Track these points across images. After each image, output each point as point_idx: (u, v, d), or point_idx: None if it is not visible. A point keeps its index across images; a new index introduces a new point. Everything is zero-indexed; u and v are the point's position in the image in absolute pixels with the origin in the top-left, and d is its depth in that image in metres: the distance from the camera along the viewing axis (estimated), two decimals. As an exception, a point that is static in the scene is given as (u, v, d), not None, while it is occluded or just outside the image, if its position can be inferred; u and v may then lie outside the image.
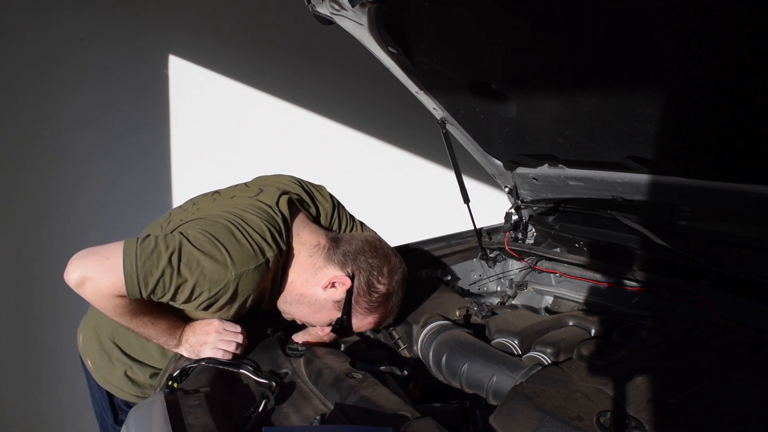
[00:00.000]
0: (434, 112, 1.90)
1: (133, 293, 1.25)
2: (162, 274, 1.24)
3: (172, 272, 1.25)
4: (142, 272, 1.23)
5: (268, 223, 1.40)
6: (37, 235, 2.71)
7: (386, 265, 1.48)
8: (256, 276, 1.34)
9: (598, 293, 1.85)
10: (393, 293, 1.49)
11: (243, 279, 1.32)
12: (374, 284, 1.46)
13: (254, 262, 1.32)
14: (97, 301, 1.30)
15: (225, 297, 1.33)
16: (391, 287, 1.48)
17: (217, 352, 1.37)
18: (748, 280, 1.43)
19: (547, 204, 2.09)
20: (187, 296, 1.30)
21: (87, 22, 2.67)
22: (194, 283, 1.28)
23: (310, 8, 1.58)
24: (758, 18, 0.91)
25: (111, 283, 1.24)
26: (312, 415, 1.18)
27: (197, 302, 1.33)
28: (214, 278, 1.29)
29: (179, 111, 2.96)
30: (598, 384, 1.09)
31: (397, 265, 1.51)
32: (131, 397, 1.69)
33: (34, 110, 2.63)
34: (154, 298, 1.29)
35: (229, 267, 1.29)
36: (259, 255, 1.33)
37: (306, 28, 1.88)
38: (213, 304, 1.35)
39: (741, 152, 1.27)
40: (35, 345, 2.81)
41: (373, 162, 3.61)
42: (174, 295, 1.29)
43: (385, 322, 1.54)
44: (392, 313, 1.53)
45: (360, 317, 1.47)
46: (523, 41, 1.30)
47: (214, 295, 1.32)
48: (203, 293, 1.31)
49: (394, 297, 1.50)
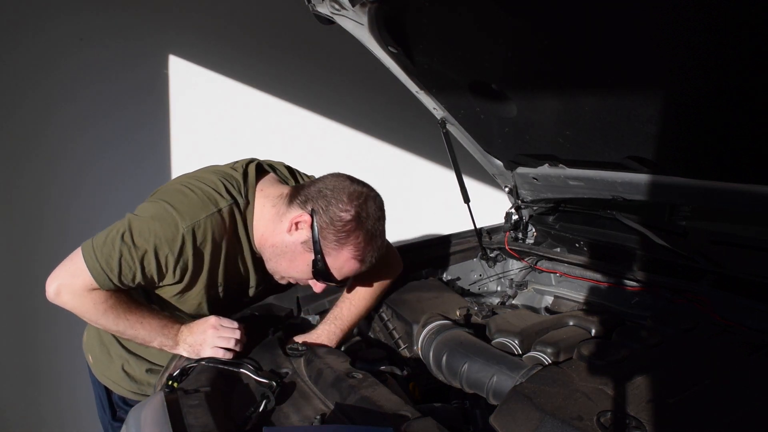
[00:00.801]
0: (434, 112, 1.90)
1: (104, 282, 1.31)
2: (121, 254, 1.29)
3: (129, 248, 1.30)
4: (102, 259, 1.29)
5: (224, 178, 1.44)
6: (37, 234, 2.71)
7: (345, 191, 1.39)
8: (210, 226, 1.35)
9: (598, 293, 1.85)
10: (362, 219, 1.38)
11: (198, 231, 1.34)
12: (336, 213, 1.37)
13: (205, 212, 1.35)
14: (78, 304, 1.34)
15: (189, 254, 1.34)
16: (356, 212, 1.37)
17: (217, 351, 1.37)
18: (748, 280, 1.43)
19: (548, 204, 2.09)
20: (156, 267, 1.33)
21: (87, 22, 2.66)
22: (154, 249, 1.31)
23: (311, 8, 1.58)
24: (758, 18, 0.91)
25: (81, 279, 1.31)
26: (312, 414, 1.18)
27: (170, 271, 1.36)
28: (168, 236, 1.31)
29: (179, 111, 2.96)
30: (599, 384, 1.09)
31: (362, 190, 1.42)
32: (128, 393, 1.72)
33: (34, 110, 2.63)
34: (127, 281, 1.33)
35: (178, 221, 1.32)
36: (209, 205, 1.36)
37: (306, 28, 1.88)
38: (185, 269, 1.37)
39: (741, 152, 1.27)
40: (35, 345, 2.80)
41: (373, 162, 3.61)
42: (143, 271, 1.33)
43: (368, 256, 1.42)
44: (372, 244, 1.41)
45: (334, 254, 1.39)
46: (523, 41, 1.30)
47: (178, 256, 1.34)
48: (168, 256, 1.33)
49: (367, 223, 1.39)
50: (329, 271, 1.42)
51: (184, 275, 1.40)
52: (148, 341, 1.41)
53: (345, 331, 1.58)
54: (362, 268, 1.45)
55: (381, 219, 1.44)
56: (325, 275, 1.43)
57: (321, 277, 1.44)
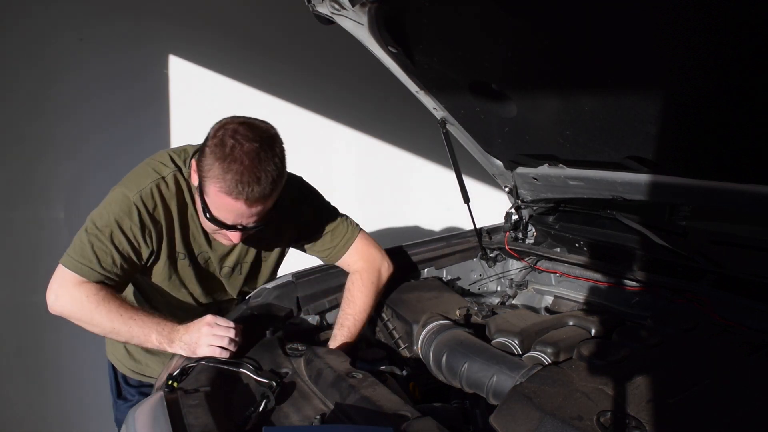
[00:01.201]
0: (434, 112, 1.90)
1: (88, 273, 1.41)
2: (92, 244, 1.41)
3: (95, 236, 1.41)
4: (77, 255, 1.42)
5: (173, 152, 1.53)
6: (37, 234, 2.71)
7: (213, 128, 1.38)
8: (155, 191, 1.45)
9: (598, 293, 1.85)
10: (216, 147, 1.32)
11: (146, 198, 1.43)
12: (201, 150, 1.36)
13: (149, 179, 1.45)
14: (72, 300, 1.41)
15: (147, 219, 1.44)
16: (212, 143, 1.33)
17: (213, 350, 1.37)
18: (748, 280, 1.43)
19: (547, 204, 2.09)
20: (126, 241, 1.43)
21: (86, 22, 2.66)
22: (117, 225, 1.42)
23: (311, 8, 1.58)
24: (758, 18, 0.91)
25: (69, 279, 1.42)
26: (312, 414, 1.18)
27: (142, 241, 1.45)
28: (124, 209, 1.42)
29: (179, 111, 2.96)
30: (598, 384, 1.09)
31: (224, 120, 1.38)
32: (129, 371, 1.83)
33: (33, 110, 2.62)
34: (108, 266, 1.42)
35: (126, 193, 1.43)
36: (153, 174, 1.46)
37: (306, 27, 1.88)
38: (152, 235, 1.46)
39: (741, 152, 1.27)
40: (35, 345, 2.80)
41: (373, 162, 3.62)
42: (118, 250, 1.42)
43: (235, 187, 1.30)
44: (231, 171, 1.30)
45: (207, 190, 1.35)
46: (523, 41, 1.30)
47: (140, 223, 1.43)
48: (132, 228, 1.43)
49: (224, 150, 1.31)
50: (212, 212, 1.37)
51: (160, 246, 1.49)
52: (144, 340, 1.42)
53: (353, 342, 1.61)
54: (237, 203, 1.33)
55: (244, 142, 1.32)
56: (210, 217, 1.38)
57: (210, 220, 1.39)
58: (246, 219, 1.39)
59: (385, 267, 1.75)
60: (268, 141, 1.36)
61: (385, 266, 1.76)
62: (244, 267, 1.71)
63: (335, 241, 1.72)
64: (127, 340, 1.45)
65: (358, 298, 1.66)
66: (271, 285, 1.74)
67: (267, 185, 1.33)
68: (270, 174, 1.34)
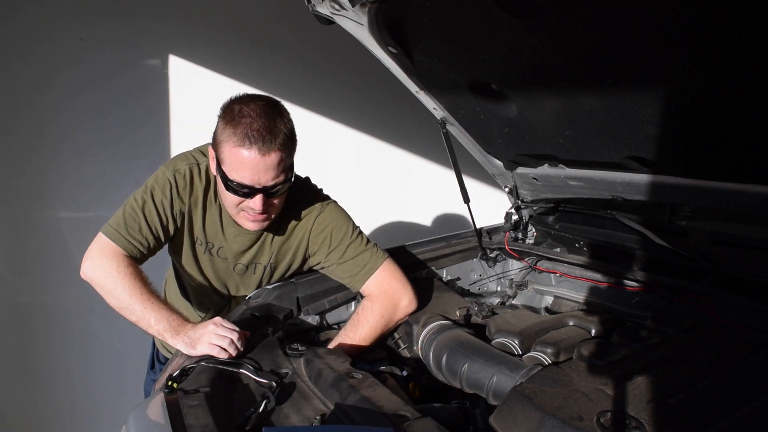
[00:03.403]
0: (434, 112, 1.90)
1: (117, 238, 1.51)
2: (124, 212, 1.54)
3: (132, 204, 1.54)
4: (113, 221, 1.54)
5: (201, 147, 1.67)
6: (36, 234, 2.71)
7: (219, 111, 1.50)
8: (189, 172, 1.57)
9: (598, 293, 1.85)
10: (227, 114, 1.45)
11: (179, 176, 1.56)
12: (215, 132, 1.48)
13: (186, 163, 1.59)
14: (103, 265, 1.48)
15: (176, 196, 1.56)
16: (223, 114, 1.46)
17: (212, 348, 1.37)
18: (748, 280, 1.43)
19: (547, 204, 2.09)
20: (156, 213, 1.54)
21: (86, 21, 2.66)
22: (151, 196, 1.54)
23: (311, 8, 1.58)
24: (758, 18, 0.91)
25: (100, 244, 1.52)
26: (312, 415, 1.18)
27: (169, 216, 1.56)
28: (160, 183, 1.55)
29: (179, 111, 2.96)
30: (599, 384, 1.09)
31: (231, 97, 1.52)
32: (161, 347, 1.98)
33: (33, 111, 2.62)
34: (134, 233, 1.51)
35: (164, 170, 1.58)
36: (190, 158, 1.61)
37: (306, 27, 1.88)
38: (178, 212, 1.57)
39: (741, 152, 1.27)
40: (35, 345, 2.80)
41: (373, 162, 3.61)
42: (146, 220, 1.53)
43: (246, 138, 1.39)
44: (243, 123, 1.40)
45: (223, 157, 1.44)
46: (523, 41, 1.30)
47: (171, 199, 1.55)
48: (163, 201, 1.55)
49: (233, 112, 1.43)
50: (230, 177, 1.44)
51: (179, 220, 1.58)
52: (151, 324, 1.44)
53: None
54: (251, 154, 1.39)
55: (250, 103, 1.44)
56: (230, 185, 1.45)
57: (228, 188, 1.46)
58: (263, 175, 1.42)
59: (405, 303, 1.64)
60: (274, 102, 1.49)
61: (405, 302, 1.64)
62: (258, 268, 1.73)
63: (356, 269, 1.65)
64: (136, 321, 1.47)
65: (362, 326, 1.60)
66: (271, 285, 1.74)
67: (280, 134, 1.41)
68: (280, 126, 1.43)
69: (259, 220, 1.52)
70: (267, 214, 1.52)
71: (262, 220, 1.53)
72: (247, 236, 1.64)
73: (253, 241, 1.66)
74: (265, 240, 1.67)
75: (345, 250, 1.66)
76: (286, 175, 1.47)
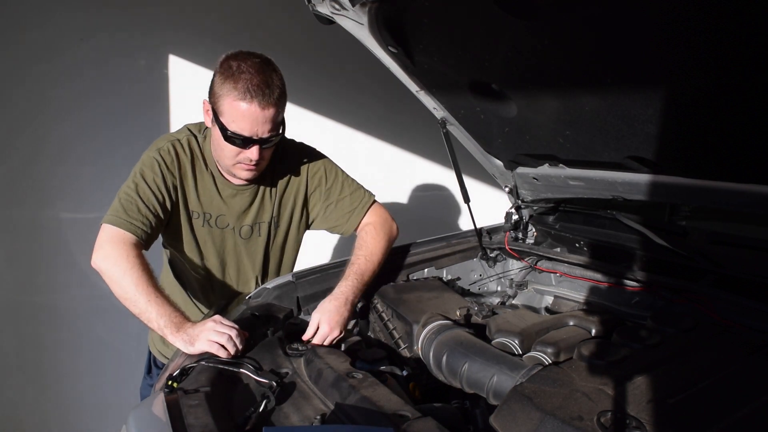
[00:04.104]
0: (434, 112, 1.90)
1: (118, 222, 1.55)
2: (120, 199, 1.59)
3: (126, 190, 1.60)
4: (112, 210, 1.58)
5: (190, 124, 1.76)
6: (37, 234, 2.71)
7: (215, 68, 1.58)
8: (172, 148, 1.65)
9: (598, 293, 1.85)
10: (225, 69, 1.54)
11: (164, 153, 1.64)
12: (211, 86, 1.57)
13: (166, 141, 1.67)
14: (114, 256, 1.51)
15: (166, 172, 1.62)
16: (220, 68, 1.55)
17: (211, 345, 1.37)
18: (748, 280, 1.43)
19: (548, 204, 2.09)
20: (150, 192, 1.60)
21: (86, 21, 2.66)
22: (142, 178, 1.60)
23: (311, 8, 1.58)
24: (758, 18, 0.91)
25: (106, 232, 1.56)
26: (312, 414, 1.18)
27: (165, 192, 1.62)
28: (147, 164, 1.63)
29: (179, 111, 2.96)
30: (599, 384, 1.09)
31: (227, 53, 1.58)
32: (157, 353, 1.98)
33: (33, 110, 2.62)
34: (134, 214, 1.56)
35: (149, 153, 1.66)
36: (170, 137, 1.70)
37: (306, 27, 1.89)
38: (172, 187, 1.65)
39: (741, 152, 1.27)
40: (35, 345, 2.80)
41: (373, 162, 3.61)
42: (142, 200, 1.58)
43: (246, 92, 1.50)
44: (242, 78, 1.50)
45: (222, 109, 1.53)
46: (523, 41, 1.30)
47: (162, 176, 1.62)
48: (155, 179, 1.61)
49: (231, 68, 1.52)
50: (228, 128, 1.53)
51: (173, 193, 1.64)
52: (152, 319, 1.45)
53: (365, 284, 1.70)
54: (251, 107, 1.50)
55: (248, 59, 1.54)
56: (228, 135, 1.54)
57: (227, 138, 1.55)
58: (261, 126, 1.53)
59: (394, 228, 1.87)
60: (268, 60, 1.59)
61: (394, 227, 1.87)
62: (262, 228, 1.81)
63: (355, 203, 1.83)
64: (138, 314, 1.48)
65: (370, 242, 1.76)
66: (271, 285, 1.74)
67: (276, 90, 1.53)
68: (276, 83, 1.54)
69: (252, 170, 1.64)
70: (259, 164, 1.63)
71: (256, 170, 1.65)
72: (246, 193, 1.74)
73: (252, 197, 1.76)
74: (265, 195, 1.78)
75: (341, 187, 1.84)
76: (279, 128, 1.60)
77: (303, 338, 1.54)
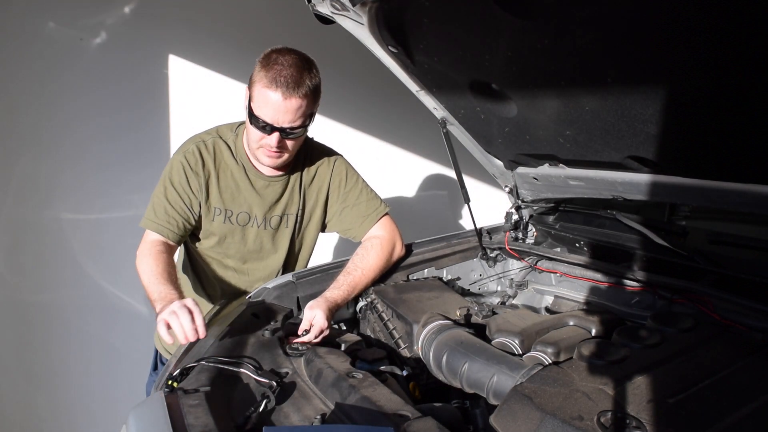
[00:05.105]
0: (434, 112, 1.90)
1: (149, 224, 1.72)
2: (152, 203, 1.75)
3: (156, 194, 1.76)
4: (146, 214, 1.75)
5: (223, 125, 1.87)
6: (37, 234, 2.71)
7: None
8: (196, 149, 1.75)
9: (598, 293, 1.85)
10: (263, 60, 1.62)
11: (188, 155, 1.74)
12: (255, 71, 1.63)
13: (192, 143, 1.77)
14: (140, 250, 1.69)
15: (191, 173, 1.74)
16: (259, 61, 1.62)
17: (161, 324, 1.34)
18: (748, 280, 1.43)
19: (548, 204, 2.09)
20: (178, 196, 1.72)
21: (86, 22, 2.66)
22: (170, 180, 1.73)
23: (311, 8, 1.58)
24: (758, 18, 0.91)
25: (145, 234, 1.74)
26: (312, 414, 1.18)
27: (191, 193, 1.74)
28: (175, 168, 1.75)
29: (179, 111, 2.96)
30: (599, 384, 1.09)
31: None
32: (162, 350, 2.05)
33: (33, 111, 2.63)
34: (162, 216, 1.71)
35: (176, 156, 1.76)
36: (196, 139, 1.80)
37: (306, 27, 1.89)
38: (198, 187, 1.75)
39: (741, 152, 1.27)
40: (35, 345, 2.80)
41: (373, 162, 3.61)
42: (169, 202, 1.72)
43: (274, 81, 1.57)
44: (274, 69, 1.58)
45: (254, 95, 1.61)
46: (523, 41, 1.30)
47: (186, 178, 1.73)
48: (180, 180, 1.73)
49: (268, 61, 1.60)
50: (253, 111, 1.62)
51: (201, 194, 1.75)
52: (154, 299, 1.51)
53: (354, 296, 1.75)
54: (275, 95, 1.58)
55: (286, 54, 1.62)
56: (254, 119, 1.63)
57: (252, 121, 1.65)
58: (282, 116, 1.60)
59: (399, 246, 1.91)
60: (307, 58, 1.66)
61: (399, 246, 1.91)
62: (290, 220, 1.89)
63: (369, 210, 1.89)
64: (151, 299, 1.54)
65: (371, 258, 1.80)
66: (272, 285, 1.74)
67: (303, 85, 1.59)
68: (306, 80, 1.60)
69: (273, 157, 1.70)
70: (281, 152, 1.70)
71: (276, 157, 1.71)
72: (277, 184, 1.83)
73: (283, 188, 1.84)
74: (294, 187, 1.87)
75: (359, 192, 1.92)
76: (303, 121, 1.65)
77: (298, 332, 1.53)
